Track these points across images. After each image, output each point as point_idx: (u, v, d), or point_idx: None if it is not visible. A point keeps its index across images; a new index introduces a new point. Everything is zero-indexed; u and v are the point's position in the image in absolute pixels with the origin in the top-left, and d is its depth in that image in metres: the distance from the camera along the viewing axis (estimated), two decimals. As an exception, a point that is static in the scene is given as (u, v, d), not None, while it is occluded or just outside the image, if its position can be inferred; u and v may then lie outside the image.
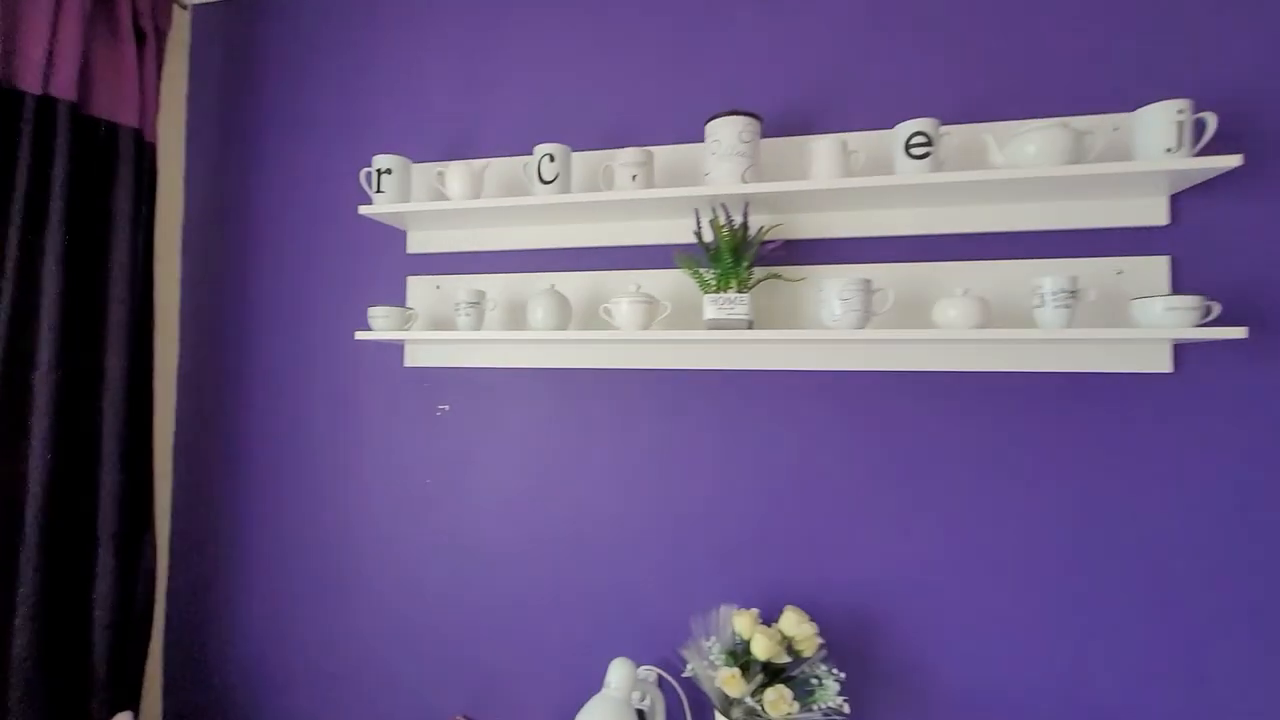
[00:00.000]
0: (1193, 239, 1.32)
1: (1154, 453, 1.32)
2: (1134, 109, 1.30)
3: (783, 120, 1.50)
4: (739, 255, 1.37)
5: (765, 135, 1.46)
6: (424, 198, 1.66)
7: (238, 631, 1.78)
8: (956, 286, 1.34)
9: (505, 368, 1.63)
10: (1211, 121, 1.21)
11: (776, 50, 1.52)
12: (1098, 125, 1.33)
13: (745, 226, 1.37)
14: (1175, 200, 1.33)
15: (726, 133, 1.35)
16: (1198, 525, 1.29)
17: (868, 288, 1.28)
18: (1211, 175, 1.22)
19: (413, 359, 1.68)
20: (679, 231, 1.51)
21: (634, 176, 1.40)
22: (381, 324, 1.53)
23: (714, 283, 1.39)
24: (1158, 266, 1.32)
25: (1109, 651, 1.31)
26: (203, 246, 1.87)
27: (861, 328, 1.29)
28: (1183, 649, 1.28)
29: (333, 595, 1.72)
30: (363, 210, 1.54)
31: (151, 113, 1.63)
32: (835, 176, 1.32)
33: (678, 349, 1.51)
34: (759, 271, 1.42)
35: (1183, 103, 1.19)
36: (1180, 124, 1.19)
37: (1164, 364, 1.32)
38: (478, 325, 1.50)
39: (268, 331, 1.80)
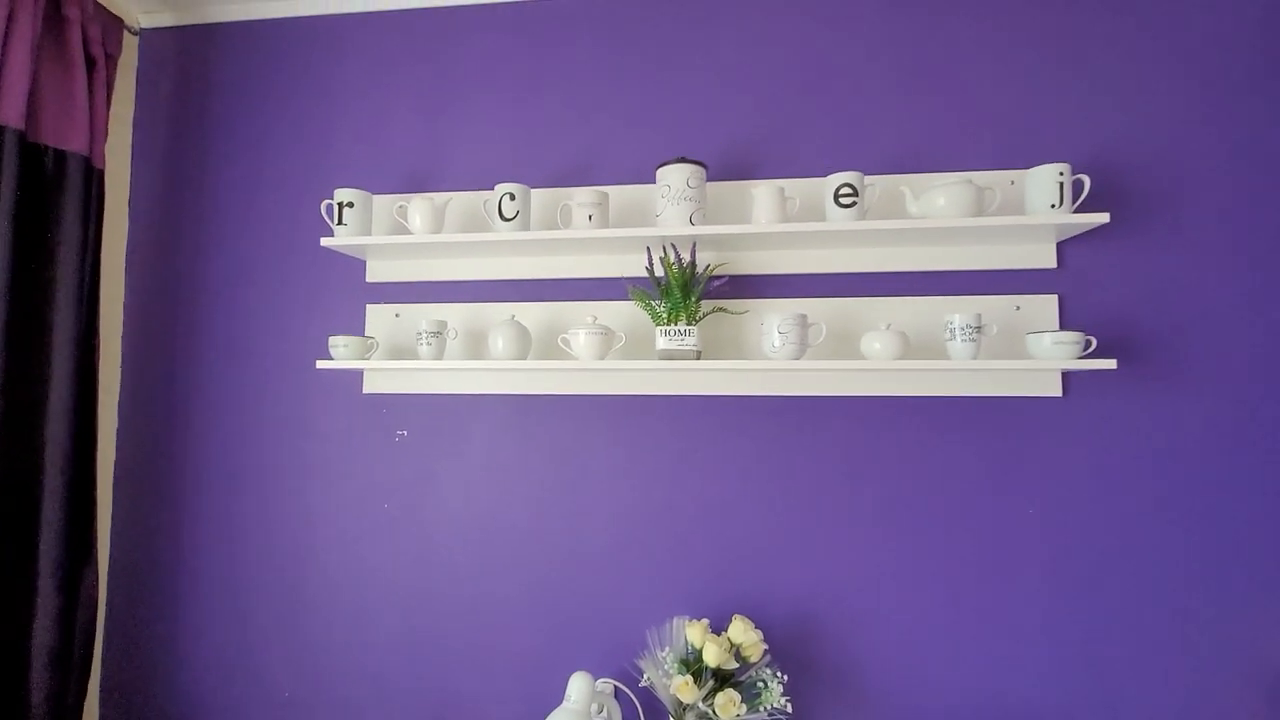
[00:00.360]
0: (1075, 280, 1.54)
1: (1050, 465, 1.51)
2: (1026, 166, 1.53)
3: (726, 165, 1.64)
4: (688, 290, 1.50)
5: (710, 179, 1.61)
6: (385, 229, 1.72)
7: (185, 666, 1.75)
8: (880, 320, 1.52)
9: (465, 393, 1.70)
10: (1087, 182, 1.43)
11: (720, 101, 1.67)
12: (997, 180, 1.54)
13: (693, 264, 1.51)
14: (1061, 247, 1.54)
15: (676, 178, 1.48)
16: (1090, 530, 1.49)
17: (804, 322, 1.43)
18: (1088, 228, 1.44)
19: (371, 386, 1.73)
20: (632, 265, 1.63)
21: (590, 216, 1.51)
22: (343, 353, 1.58)
23: (665, 315, 1.51)
24: (1049, 304, 1.53)
25: (1021, 650, 1.49)
26: (148, 273, 1.85)
27: (799, 358, 1.44)
28: (1082, 645, 1.47)
29: (287, 623, 1.73)
30: (325, 242, 1.59)
31: (100, 139, 1.63)
32: (774, 220, 1.47)
33: (632, 376, 1.62)
34: (706, 305, 1.55)
35: (1064, 166, 1.40)
36: (1062, 184, 1.40)
37: (1055, 389, 1.52)
38: (439, 354, 1.57)
39: (218, 359, 1.80)
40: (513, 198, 1.53)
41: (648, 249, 1.53)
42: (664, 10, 1.71)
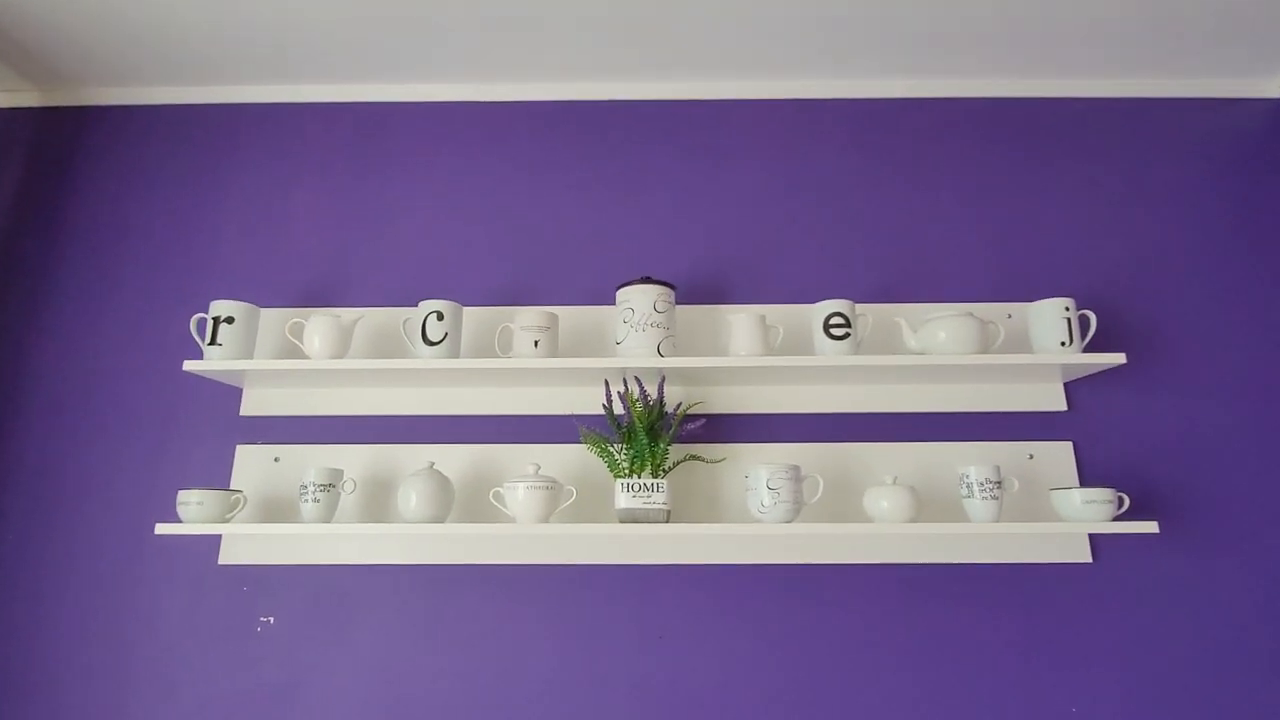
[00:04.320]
0: (1089, 426, 1.47)
1: (1083, 642, 1.35)
2: (1022, 299, 1.50)
3: (697, 287, 1.55)
4: (655, 434, 1.32)
5: (679, 302, 1.50)
6: (273, 351, 1.49)
7: None
8: (882, 470, 1.40)
9: (358, 564, 1.40)
10: (1093, 319, 1.40)
11: (690, 215, 1.61)
12: (993, 313, 1.50)
13: (661, 402, 1.34)
14: (1069, 388, 1.49)
15: (640, 301, 1.36)
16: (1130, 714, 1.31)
17: (797, 475, 1.27)
18: (1099, 369, 1.39)
19: (231, 555, 1.40)
20: (585, 400, 1.45)
21: (536, 342, 1.34)
22: (195, 512, 1.28)
23: (627, 465, 1.32)
24: (1063, 451, 1.45)
25: None
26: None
27: (792, 520, 1.26)
28: None
29: None
30: (189, 366, 1.33)
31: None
32: (756, 352, 1.34)
33: (583, 542, 1.39)
34: (675, 451, 1.37)
35: (1068, 300, 1.37)
36: (1068, 320, 1.36)
37: (1084, 554, 1.39)
38: (329, 514, 1.30)
39: (10, 514, 1.44)
40: (440, 317, 1.35)
41: (606, 383, 1.37)
42: (628, 116, 1.68)
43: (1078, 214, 1.60)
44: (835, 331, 1.35)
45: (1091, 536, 1.41)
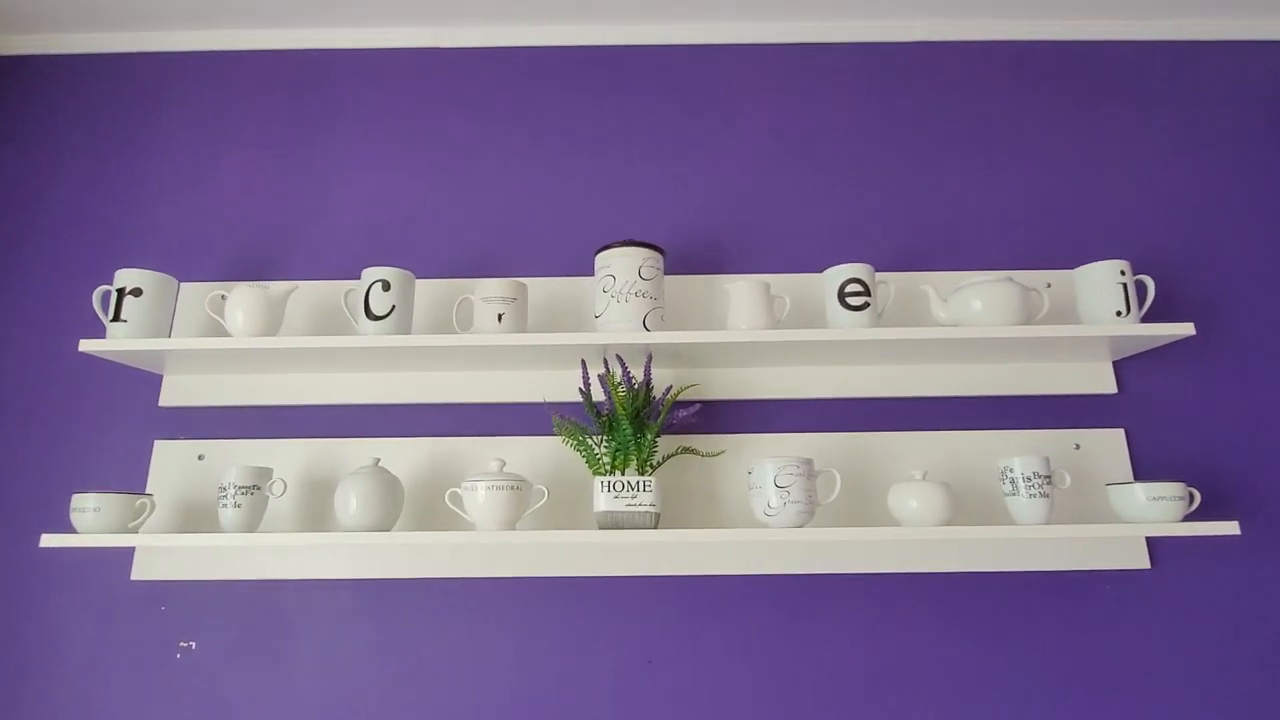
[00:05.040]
0: (1143, 410, 1.28)
1: (1140, 660, 1.17)
2: (1062, 266, 1.32)
3: (690, 254, 1.36)
4: (641, 423, 1.13)
5: (669, 271, 1.31)
6: (198, 330, 1.29)
7: None
8: (909, 462, 1.24)
9: (295, 580, 1.21)
10: (1150, 285, 1.20)
11: (682, 174, 1.42)
12: (1032, 281, 1.31)
13: (648, 385, 1.15)
14: (1119, 367, 1.30)
15: (623, 267, 1.16)
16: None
17: (810, 470, 1.08)
18: (1157, 343, 1.20)
19: (146, 569, 1.21)
20: (558, 384, 1.27)
21: (501, 316, 1.14)
22: (92, 521, 1.08)
23: (607, 459, 1.12)
24: (1115, 440, 1.26)
25: None
26: None
27: (804, 525, 1.07)
28: None
29: None
30: (86, 346, 1.13)
31: None
32: (759, 325, 1.15)
33: (557, 551, 1.20)
34: (665, 442, 1.18)
35: (1124, 264, 1.18)
36: (1124, 286, 1.17)
37: (1141, 559, 1.21)
38: (254, 521, 1.10)
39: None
40: (386, 287, 1.16)
41: (583, 363, 1.17)
42: (610, 62, 1.49)
43: (1126, 169, 1.41)
44: (852, 301, 1.15)
45: (1149, 539, 1.22)
